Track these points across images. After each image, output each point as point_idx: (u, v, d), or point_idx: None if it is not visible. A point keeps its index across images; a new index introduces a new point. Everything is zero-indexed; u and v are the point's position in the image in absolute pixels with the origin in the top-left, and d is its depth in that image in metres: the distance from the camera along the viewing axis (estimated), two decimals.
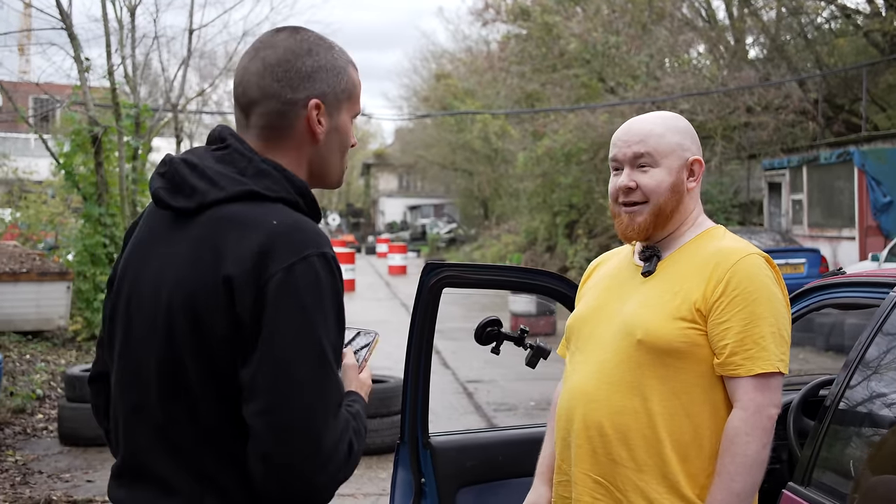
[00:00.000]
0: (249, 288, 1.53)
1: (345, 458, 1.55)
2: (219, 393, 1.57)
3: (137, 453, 1.67)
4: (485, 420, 8.61)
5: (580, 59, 22.60)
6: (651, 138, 2.19)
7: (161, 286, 1.63)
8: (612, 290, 2.30)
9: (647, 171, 2.19)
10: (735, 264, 2.09)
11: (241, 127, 1.74)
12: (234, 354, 1.55)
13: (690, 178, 2.22)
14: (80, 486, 6.46)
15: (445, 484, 3.07)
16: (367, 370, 1.87)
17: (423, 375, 3.05)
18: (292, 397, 1.50)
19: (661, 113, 2.30)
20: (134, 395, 1.67)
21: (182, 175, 1.66)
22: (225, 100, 36.69)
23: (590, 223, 24.31)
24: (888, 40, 20.81)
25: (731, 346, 2.05)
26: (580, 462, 2.20)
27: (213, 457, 1.59)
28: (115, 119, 12.12)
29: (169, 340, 1.60)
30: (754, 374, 2.04)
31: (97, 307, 11.60)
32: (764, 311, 2.07)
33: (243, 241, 1.56)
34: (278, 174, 1.66)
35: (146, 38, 13.98)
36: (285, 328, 1.52)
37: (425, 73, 41.28)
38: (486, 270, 3.24)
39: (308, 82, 1.69)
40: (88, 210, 11.99)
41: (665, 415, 2.10)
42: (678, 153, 2.20)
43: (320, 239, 1.60)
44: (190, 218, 1.64)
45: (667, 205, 2.19)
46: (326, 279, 1.57)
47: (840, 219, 16.46)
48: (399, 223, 53.23)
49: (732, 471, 2.02)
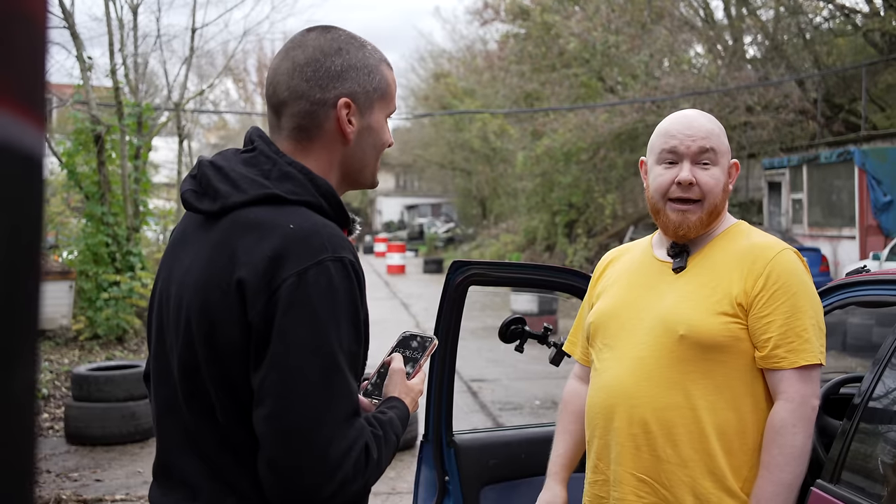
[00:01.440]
0: (261, 292, 1.51)
1: (357, 466, 1.51)
2: (233, 398, 1.56)
3: (169, 454, 1.68)
4: (490, 419, 8.62)
5: (579, 59, 22.64)
6: (714, 136, 2.20)
7: (183, 289, 1.63)
8: (639, 286, 2.28)
9: (709, 168, 2.18)
10: (773, 259, 2.12)
11: (273, 128, 1.72)
12: (247, 361, 1.54)
13: (729, 180, 2.26)
14: (89, 485, 6.45)
15: (469, 482, 3.08)
16: (421, 375, 1.83)
17: (448, 374, 3.05)
18: (299, 402, 1.48)
19: (706, 114, 2.29)
20: (165, 395, 1.68)
21: (208, 178, 1.65)
22: (221, 99, 36.69)
23: (589, 223, 24.34)
24: (887, 40, 20.86)
25: (775, 339, 2.08)
26: (623, 461, 2.19)
27: (233, 462, 1.59)
28: (118, 118, 12.10)
29: (187, 344, 1.60)
30: (798, 367, 2.07)
31: (100, 306, 11.59)
32: (804, 304, 2.10)
33: (258, 245, 1.54)
34: (303, 177, 1.63)
35: (148, 38, 13.96)
36: (295, 333, 1.49)
37: (423, 73, 41.28)
38: (513, 268, 3.24)
39: (338, 81, 1.67)
40: (91, 209, 11.97)
41: (709, 409, 2.11)
42: (728, 154, 2.24)
43: (339, 243, 1.56)
44: (215, 221, 1.63)
45: (720, 204, 2.22)
46: (342, 284, 1.53)
47: (840, 218, 16.49)
48: (396, 223, 53.23)
49: (781, 462, 2.04)
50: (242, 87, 42.15)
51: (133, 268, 12.00)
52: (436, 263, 29.76)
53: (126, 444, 7.46)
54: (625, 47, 21.56)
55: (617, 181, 23.55)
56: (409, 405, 1.76)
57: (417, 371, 1.83)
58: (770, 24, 22.56)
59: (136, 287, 11.58)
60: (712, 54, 23.45)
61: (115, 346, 11.51)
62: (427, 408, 3.05)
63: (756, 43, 23.91)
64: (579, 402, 2.48)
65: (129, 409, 7.46)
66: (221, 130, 41.29)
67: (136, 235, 12.46)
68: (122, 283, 11.58)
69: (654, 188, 2.22)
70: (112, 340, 11.63)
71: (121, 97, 12.33)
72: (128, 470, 6.80)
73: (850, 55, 22.28)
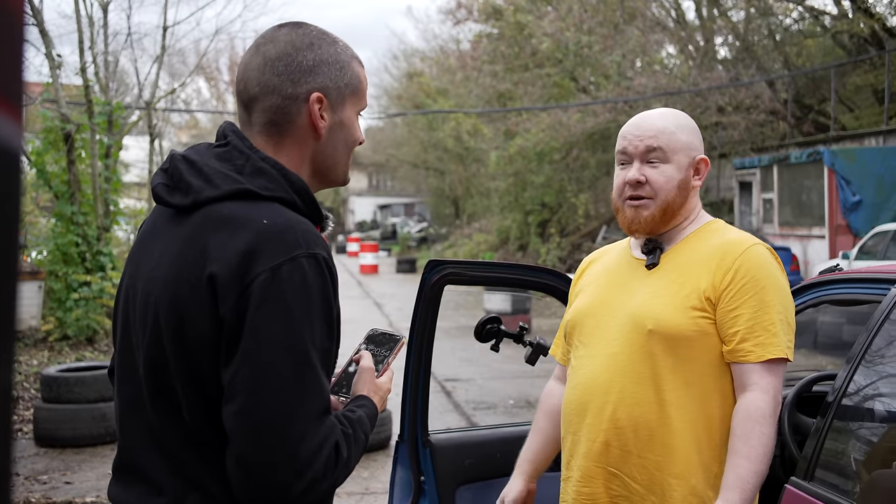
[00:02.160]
0: (233, 288, 1.50)
1: (327, 464, 1.49)
2: (201, 395, 1.54)
3: (131, 451, 1.66)
4: (464, 418, 8.61)
5: (552, 59, 22.69)
6: (664, 135, 2.22)
7: (151, 284, 1.61)
8: (615, 285, 2.31)
9: (658, 166, 2.22)
10: (743, 253, 2.14)
11: (244, 124, 1.71)
12: (217, 357, 1.52)
13: (696, 176, 2.26)
14: (59, 487, 6.37)
15: (445, 482, 3.07)
16: (389, 374, 1.83)
17: (424, 374, 3.04)
18: (269, 399, 1.46)
19: (671, 110, 2.32)
20: (129, 392, 1.66)
21: (180, 172, 1.63)
22: (193, 98, 36.45)
23: (562, 222, 24.41)
24: (855, 42, 21.11)
25: (742, 332, 2.09)
26: (595, 456, 2.21)
27: (199, 460, 1.57)
28: (88, 116, 11.98)
29: (154, 340, 1.58)
30: (764, 360, 2.08)
31: (69, 307, 11.46)
32: (773, 298, 2.11)
33: (231, 240, 1.53)
34: (276, 172, 1.62)
35: (119, 36, 13.82)
36: (267, 330, 1.48)
37: (396, 72, 41.20)
38: (489, 268, 3.23)
39: (309, 76, 1.66)
40: (60, 209, 11.83)
41: (678, 404, 2.12)
42: (687, 151, 2.23)
43: (312, 239, 1.56)
44: (186, 215, 1.62)
45: (675, 201, 2.22)
46: (315, 281, 1.52)
47: (810, 217, 16.65)
48: (369, 222, 53.10)
49: (762, 453, 2.05)
50: (214, 86, 41.86)
51: (104, 268, 11.87)
52: (409, 263, 29.73)
53: (96, 445, 7.38)
54: (597, 47, 21.64)
55: (589, 181, 23.64)
56: (378, 404, 1.75)
57: (386, 369, 1.82)
58: (741, 26, 22.75)
59: (107, 287, 11.46)
60: (684, 55, 23.60)
61: (85, 347, 11.38)
62: (402, 408, 3.04)
63: (727, 44, 24.10)
64: (554, 402, 2.51)
65: (99, 411, 7.38)
66: (193, 129, 40.99)
67: (107, 235, 12.33)
68: (93, 283, 11.45)
69: (614, 189, 2.30)
70: (82, 341, 11.51)
71: (91, 95, 12.20)
72: (98, 472, 6.72)
73: (820, 56, 22.53)
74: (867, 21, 19.54)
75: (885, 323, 2.47)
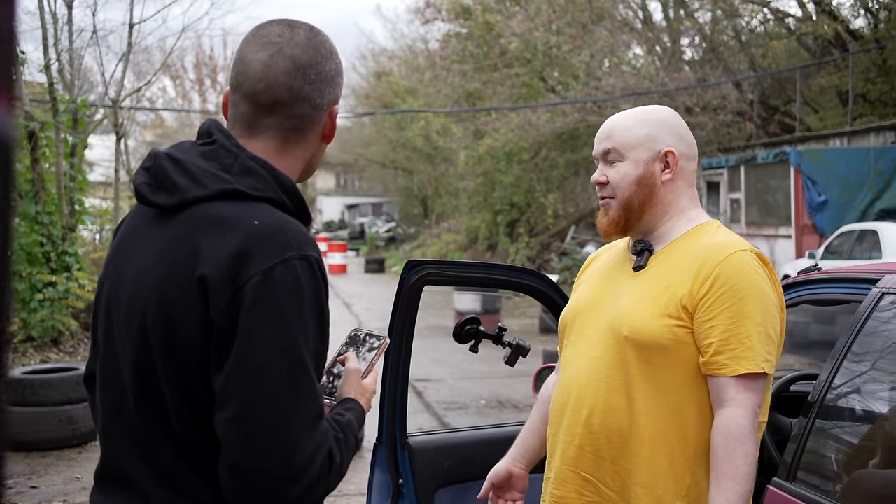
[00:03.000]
0: (225, 290, 1.46)
1: (321, 470, 1.47)
2: (190, 401, 1.51)
3: (115, 457, 1.61)
4: (436, 419, 8.59)
5: (521, 59, 22.74)
6: (616, 133, 2.19)
7: (138, 286, 1.57)
8: (606, 285, 2.27)
9: (615, 165, 2.18)
10: (724, 261, 2.04)
11: (247, 124, 1.65)
12: (207, 361, 1.48)
13: (666, 169, 2.17)
14: (24, 492, 6.26)
15: (423, 484, 3.04)
16: (374, 375, 1.80)
17: (403, 375, 3.00)
18: (264, 405, 1.43)
19: (643, 107, 2.28)
20: (112, 398, 1.61)
21: (165, 170, 1.58)
22: (159, 97, 36.08)
23: (531, 222, 24.47)
24: (819, 44, 21.37)
25: (716, 345, 2.01)
26: (568, 459, 2.18)
27: (187, 467, 1.53)
28: (53, 114, 11.80)
29: (142, 343, 1.54)
30: (738, 375, 1.99)
31: (34, 308, 11.28)
32: (751, 309, 2.01)
33: (221, 241, 1.49)
34: (265, 172, 1.58)
35: (84, 33, 13.62)
36: (260, 333, 1.45)
37: (364, 72, 41.07)
38: (468, 268, 3.20)
39: (331, 86, 1.68)
40: (24, 208, 11.64)
41: (650, 414, 2.07)
42: (647, 145, 2.16)
43: (304, 241, 1.53)
44: (171, 215, 1.57)
45: (633, 198, 2.16)
46: (308, 283, 1.50)
47: (777, 217, 16.80)
48: (337, 222, 52.94)
49: (745, 472, 1.97)
50: (180, 85, 41.47)
51: (69, 268, 11.69)
52: (377, 263, 29.67)
53: (63, 449, 7.25)
54: (566, 48, 21.70)
55: (558, 181, 23.71)
56: (364, 406, 1.73)
57: (370, 370, 1.79)
58: (707, 27, 22.93)
59: (73, 288, 11.28)
60: (651, 56, 23.74)
61: (50, 349, 11.21)
62: (381, 410, 3.01)
63: (694, 45, 24.29)
64: (547, 394, 2.48)
65: (66, 413, 7.26)
66: (159, 128, 40.59)
67: (73, 235, 12.15)
68: (58, 283, 11.27)
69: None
70: (47, 343, 11.33)
71: (55, 93, 12.02)
72: (65, 476, 6.61)
73: (785, 58, 22.78)
74: (831, 24, 19.81)
75: (867, 323, 2.47)
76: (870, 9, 20.69)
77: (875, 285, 2.51)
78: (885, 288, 2.47)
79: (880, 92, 19.75)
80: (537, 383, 3.15)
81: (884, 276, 2.52)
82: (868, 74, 19.74)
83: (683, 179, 2.20)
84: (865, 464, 2.42)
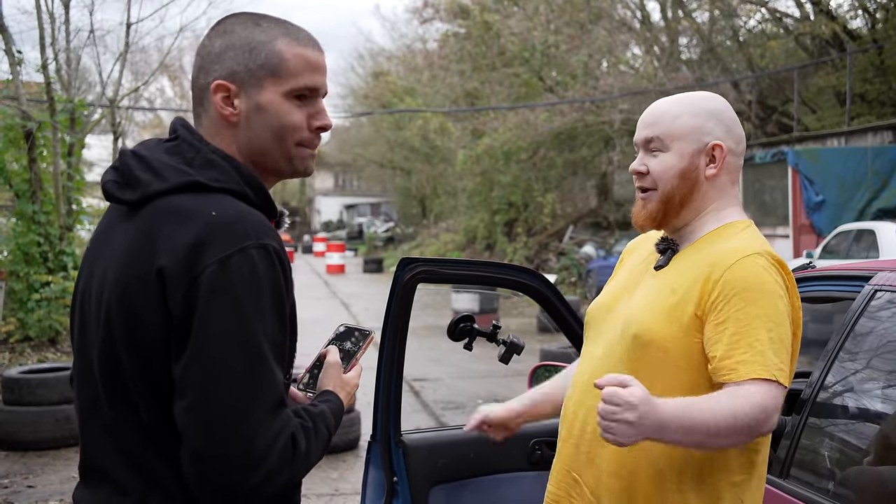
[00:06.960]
0: (181, 280, 1.46)
1: (283, 458, 1.47)
2: (155, 392, 1.51)
3: (92, 451, 1.63)
4: (433, 418, 8.59)
5: (519, 58, 22.75)
6: (663, 120, 2.05)
7: (104, 280, 1.58)
8: (629, 281, 2.18)
9: (658, 155, 2.05)
10: (734, 265, 1.91)
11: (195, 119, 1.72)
12: (169, 352, 1.49)
13: (711, 164, 2.04)
14: (21, 491, 6.25)
15: (418, 482, 3.03)
16: (357, 369, 1.81)
17: (397, 373, 3.00)
18: (221, 393, 1.44)
19: (692, 93, 2.14)
20: (87, 393, 1.63)
21: (129, 167, 1.61)
22: (157, 97, 36.07)
23: (529, 221, 24.47)
24: (817, 44, 21.38)
25: (724, 349, 1.87)
26: (565, 457, 2.14)
27: (157, 457, 1.54)
28: (50, 114, 11.79)
29: (107, 337, 1.55)
30: (750, 379, 1.82)
31: (31, 307, 11.28)
32: (761, 313, 1.87)
33: (179, 232, 1.50)
34: (227, 164, 1.60)
35: (81, 33, 13.61)
36: (217, 322, 1.45)
37: (362, 72, 41.07)
38: (462, 266, 3.19)
39: (217, 63, 1.63)
40: (21, 208, 11.64)
41: None
42: (694, 136, 2.03)
43: (263, 230, 1.52)
44: (136, 211, 1.59)
45: (675, 192, 2.03)
46: (266, 272, 1.49)
47: (774, 217, 16.81)
48: (335, 222, 52.96)
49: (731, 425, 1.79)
50: (178, 85, 41.44)
51: (66, 268, 11.69)
52: (375, 263, 29.67)
53: (59, 448, 7.24)
54: (564, 47, 21.72)
55: (556, 180, 23.72)
56: (344, 399, 1.73)
57: (353, 364, 1.80)
58: (705, 27, 22.93)
59: (70, 287, 11.27)
60: (649, 55, 23.74)
61: (47, 349, 11.21)
62: (375, 408, 3.00)
63: (691, 45, 24.29)
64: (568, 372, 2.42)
65: (63, 413, 7.25)
66: (157, 128, 40.55)
67: (70, 235, 12.15)
68: (55, 283, 11.27)
69: None
70: (44, 342, 11.33)
71: (52, 93, 12.01)
72: (62, 475, 6.60)
73: (783, 58, 22.76)
74: (829, 24, 19.81)
75: (860, 320, 2.47)
76: (867, 9, 20.70)
77: (868, 282, 2.52)
78: (878, 285, 2.48)
79: (878, 92, 19.77)
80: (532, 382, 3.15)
81: (876, 274, 2.52)
82: (865, 74, 19.76)
83: (728, 175, 2.08)
84: (858, 461, 2.43)
